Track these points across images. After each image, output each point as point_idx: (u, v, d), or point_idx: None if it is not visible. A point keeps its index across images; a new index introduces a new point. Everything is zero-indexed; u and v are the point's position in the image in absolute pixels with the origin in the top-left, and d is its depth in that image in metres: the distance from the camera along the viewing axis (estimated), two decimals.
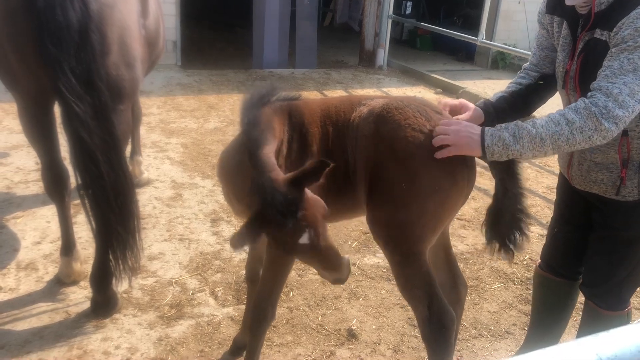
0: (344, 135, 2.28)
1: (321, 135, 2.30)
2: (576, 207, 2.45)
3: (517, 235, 2.27)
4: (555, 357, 0.71)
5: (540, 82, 2.43)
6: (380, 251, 3.96)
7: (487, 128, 2.06)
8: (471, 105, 2.36)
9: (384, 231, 2.22)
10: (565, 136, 1.95)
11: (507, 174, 2.17)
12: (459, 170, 2.14)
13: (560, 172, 2.53)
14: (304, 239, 1.88)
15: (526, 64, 2.53)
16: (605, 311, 2.35)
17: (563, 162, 2.43)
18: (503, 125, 2.05)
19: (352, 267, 3.78)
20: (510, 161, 2.13)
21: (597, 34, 2.05)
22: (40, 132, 3.05)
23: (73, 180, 2.87)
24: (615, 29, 1.96)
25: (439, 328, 2.23)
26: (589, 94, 1.98)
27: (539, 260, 2.71)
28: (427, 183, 2.11)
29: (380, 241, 2.28)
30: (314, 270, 3.71)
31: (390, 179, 2.14)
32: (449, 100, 2.41)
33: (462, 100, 2.42)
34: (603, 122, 1.90)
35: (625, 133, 2.11)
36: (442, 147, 2.08)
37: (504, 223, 2.23)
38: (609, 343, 0.74)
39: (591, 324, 2.44)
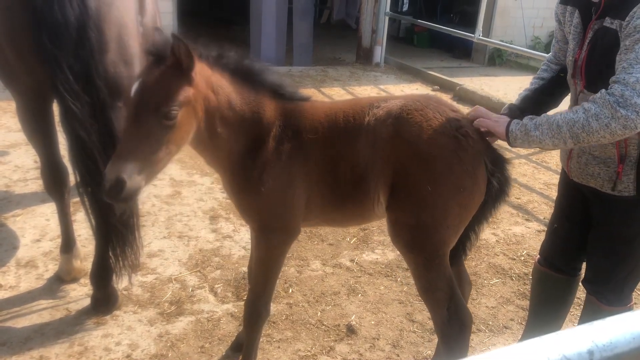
0: (354, 140, 2.25)
1: (324, 142, 2.27)
2: (576, 203, 2.46)
3: (460, 249, 2.45)
4: (552, 345, 0.73)
5: (562, 75, 2.44)
6: (379, 247, 4.01)
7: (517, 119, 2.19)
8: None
9: (408, 234, 2.21)
10: (581, 123, 1.95)
11: (493, 200, 2.24)
12: (479, 169, 2.16)
13: (562, 169, 2.55)
14: (133, 89, 1.97)
15: (549, 55, 2.56)
16: (607, 307, 2.37)
17: (564, 154, 2.45)
18: (531, 116, 2.15)
19: (350, 263, 3.81)
20: (504, 191, 2.24)
21: (607, 22, 2.05)
22: (39, 130, 3.05)
23: (72, 178, 2.88)
24: (627, 18, 1.95)
25: (460, 327, 2.25)
26: (609, 87, 1.97)
27: (538, 255, 2.73)
28: (451, 184, 2.12)
29: (402, 245, 2.26)
30: (313, 267, 3.74)
31: (413, 181, 2.14)
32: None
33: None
34: (619, 109, 1.87)
35: None
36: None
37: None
38: (604, 331, 0.76)
39: (592, 319, 2.45)
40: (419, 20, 10.61)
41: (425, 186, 2.11)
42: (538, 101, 2.47)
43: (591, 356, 0.73)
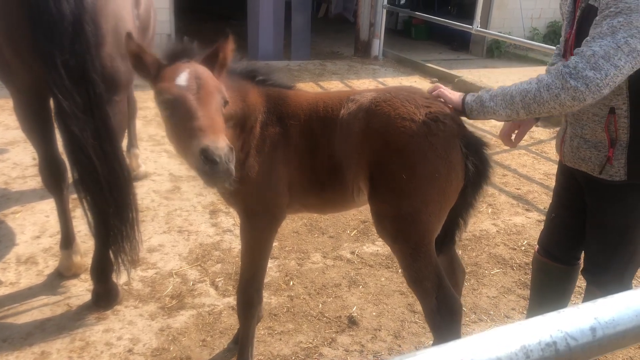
0: (332, 131, 2.29)
1: (305, 129, 2.32)
2: (573, 192, 2.45)
3: (448, 237, 2.43)
4: (554, 322, 0.73)
5: None
6: (379, 239, 3.99)
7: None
8: None
9: (391, 225, 2.22)
10: (533, 93, 1.99)
11: (472, 184, 2.23)
12: (454, 154, 2.15)
13: (560, 159, 2.54)
14: (181, 79, 1.94)
15: (561, 39, 2.56)
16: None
17: (558, 138, 2.45)
18: (488, 88, 2.19)
19: (351, 256, 3.81)
20: (481, 174, 2.22)
21: (592, 0, 2.04)
22: (36, 126, 3.04)
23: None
24: None
25: (449, 316, 2.24)
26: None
27: (537, 245, 2.73)
28: (426, 170, 2.12)
29: (388, 236, 2.27)
30: (314, 260, 3.74)
31: (389, 171, 2.15)
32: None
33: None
34: (570, 80, 1.88)
35: (612, 111, 2.10)
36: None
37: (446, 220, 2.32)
38: (607, 308, 0.76)
39: None
40: (416, 13, 10.58)
41: (400, 175, 2.12)
42: None
43: (594, 333, 0.72)
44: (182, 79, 1.95)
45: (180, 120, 1.91)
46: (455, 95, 2.27)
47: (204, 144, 1.81)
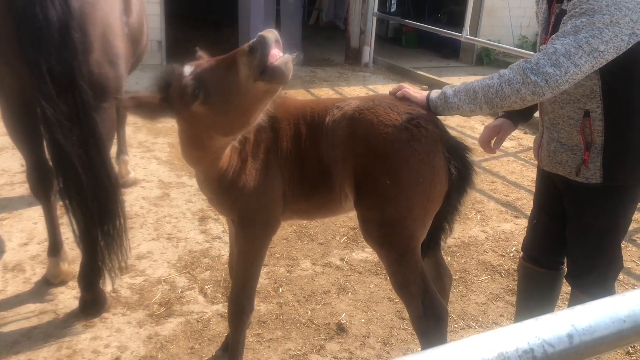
0: (318, 137, 2.32)
1: (294, 134, 2.34)
2: (552, 197, 2.48)
3: (433, 242, 2.44)
4: (531, 329, 0.74)
5: None
6: (368, 246, 4.00)
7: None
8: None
9: (376, 231, 2.24)
10: (495, 88, 2.05)
11: (456, 188, 2.24)
12: (437, 159, 2.18)
13: (538, 165, 2.57)
14: (188, 69, 2.02)
15: (538, 47, 2.59)
16: (591, 300, 2.37)
17: (535, 144, 2.48)
18: (452, 85, 2.26)
19: (340, 262, 3.81)
20: (464, 178, 2.23)
21: (565, 5, 2.09)
22: (24, 133, 3.02)
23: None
24: None
25: (435, 322, 2.26)
26: None
27: (522, 252, 2.75)
28: (409, 175, 2.14)
29: (374, 241, 2.29)
30: (303, 267, 3.74)
31: (373, 178, 2.18)
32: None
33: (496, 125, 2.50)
34: (530, 75, 1.94)
35: (587, 114, 2.14)
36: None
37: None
38: (584, 315, 0.77)
39: None
40: (407, 21, 10.64)
41: (384, 181, 2.14)
42: None
43: (571, 340, 0.73)
44: (188, 69, 2.02)
45: (217, 83, 1.96)
46: (419, 94, 2.32)
47: (246, 45, 1.88)
